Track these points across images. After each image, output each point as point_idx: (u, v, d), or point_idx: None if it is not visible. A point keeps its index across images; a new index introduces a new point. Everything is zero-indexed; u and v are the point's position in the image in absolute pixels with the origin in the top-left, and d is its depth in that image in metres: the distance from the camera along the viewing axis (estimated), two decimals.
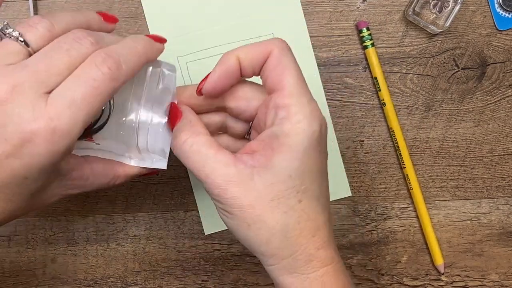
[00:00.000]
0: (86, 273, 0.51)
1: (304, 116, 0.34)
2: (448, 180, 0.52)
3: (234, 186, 0.34)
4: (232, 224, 0.35)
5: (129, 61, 0.32)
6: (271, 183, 0.34)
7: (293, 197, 0.35)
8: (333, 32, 0.51)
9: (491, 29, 0.51)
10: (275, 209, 0.34)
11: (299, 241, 0.35)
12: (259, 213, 0.34)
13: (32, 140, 0.29)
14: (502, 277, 0.52)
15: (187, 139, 0.35)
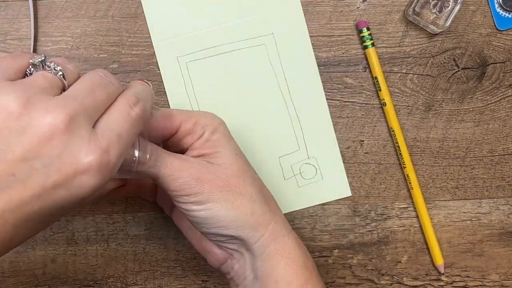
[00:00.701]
0: (86, 273, 0.51)
1: (210, 117, 0.41)
2: (448, 180, 0.52)
3: (206, 172, 0.38)
4: (216, 212, 0.38)
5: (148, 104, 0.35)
6: (229, 165, 0.39)
7: (248, 169, 0.41)
8: (333, 32, 0.51)
9: (491, 29, 0.51)
10: (244, 182, 0.39)
11: (270, 204, 0.41)
12: (235, 189, 0.39)
13: (87, 172, 0.30)
14: (503, 277, 0.52)
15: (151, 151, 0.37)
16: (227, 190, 0.38)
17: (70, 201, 0.30)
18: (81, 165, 0.29)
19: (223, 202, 0.38)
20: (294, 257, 0.40)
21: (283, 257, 0.39)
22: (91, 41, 0.50)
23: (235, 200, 0.38)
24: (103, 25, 0.50)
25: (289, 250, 0.40)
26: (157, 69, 0.50)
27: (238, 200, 0.39)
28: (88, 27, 0.50)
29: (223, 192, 0.38)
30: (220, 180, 0.38)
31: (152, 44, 0.50)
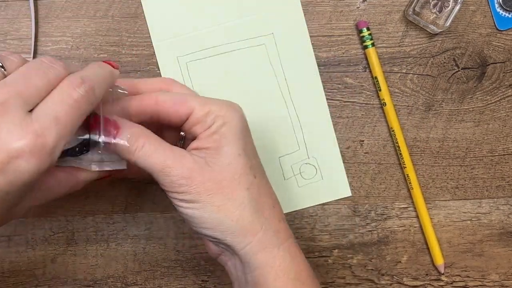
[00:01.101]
0: (86, 273, 0.51)
1: (226, 108, 0.39)
2: (448, 180, 0.52)
3: (198, 172, 0.37)
4: (201, 213, 0.37)
5: (99, 86, 0.35)
6: (227, 164, 0.38)
7: (249, 173, 0.39)
8: (333, 32, 0.51)
9: (491, 29, 0.51)
10: (239, 186, 0.38)
11: (264, 213, 0.39)
12: (226, 192, 0.37)
13: (20, 156, 0.30)
14: (502, 277, 0.52)
15: (144, 142, 0.37)
16: (216, 193, 0.37)
17: (12, 186, 0.30)
18: (12, 149, 0.30)
19: (209, 205, 0.37)
20: (284, 269, 0.38)
21: (273, 268, 0.38)
22: (91, 41, 0.50)
23: (222, 204, 0.37)
24: (103, 25, 0.50)
25: (279, 262, 0.38)
26: (157, 69, 0.50)
27: (226, 204, 0.37)
28: (88, 27, 0.50)
29: (211, 195, 0.37)
30: (211, 182, 0.37)
31: (152, 44, 0.50)
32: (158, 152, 0.37)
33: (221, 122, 0.38)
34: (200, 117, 0.39)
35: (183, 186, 0.37)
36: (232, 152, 0.38)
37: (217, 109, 0.39)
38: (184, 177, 0.37)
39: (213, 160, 0.38)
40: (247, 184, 0.38)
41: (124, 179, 0.51)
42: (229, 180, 0.38)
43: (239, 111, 0.40)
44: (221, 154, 0.38)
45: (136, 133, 0.37)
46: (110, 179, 0.43)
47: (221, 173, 0.38)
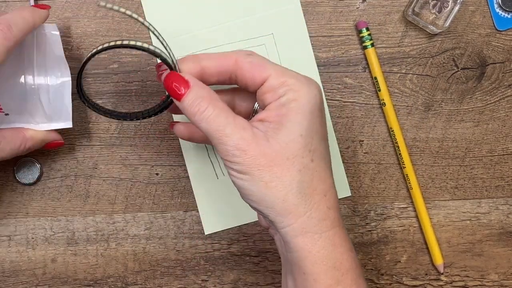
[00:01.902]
0: (86, 273, 0.51)
1: (302, 83, 0.38)
2: (448, 180, 0.52)
3: (254, 146, 0.37)
4: (249, 185, 0.37)
5: (17, 24, 0.41)
6: (286, 143, 0.37)
7: (306, 155, 0.38)
8: (333, 32, 0.51)
9: (490, 29, 0.51)
10: (291, 167, 0.37)
11: (313, 198, 0.38)
12: (276, 170, 0.37)
13: None
14: (502, 277, 0.53)
15: (208, 106, 0.37)
16: (267, 169, 0.37)
17: None
18: None
19: (257, 180, 0.37)
20: (323, 256, 0.38)
21: (311, 253, 0.37)
22: (92, 41, 0.50)
23: (270, 181, 0.37)
24: (103, 25, 0.50)
25: (318, 249, 0.37)
26: None
27: (274, 182, 0.37)
28: (88, 27, 0.50)
29: (261, 170, 0.37)
30: (264, 157, 0.37)
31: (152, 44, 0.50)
32: (220, 118, 0.37)
33: (292, 96, 0.38)
34: (273, 86, 0.38)
35: (236, 156, 0.37)
36: (294, 131, 0.38)
37: (292, 82, 0.38)
38: (239, 149, 0.37)
39: (273, 135, 0.37)
40: (300, 166, 0.38)
41: (122, 179, 0.51)
42: (282, 158, 0.37)
43: (314, 90, 0.39)
44: (282, 131, 0.37)
45: (201, 95, 0.38)
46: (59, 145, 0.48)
47: (276, 150, 0.37)
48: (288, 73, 0.39)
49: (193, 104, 0.38)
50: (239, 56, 0.40)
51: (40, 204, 0.51)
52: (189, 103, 0.38)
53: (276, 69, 0.39)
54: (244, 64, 0.39)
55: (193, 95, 0.38)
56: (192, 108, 0.38)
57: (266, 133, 0.38)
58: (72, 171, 0.51)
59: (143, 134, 0.51)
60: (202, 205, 0.51)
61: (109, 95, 0.50)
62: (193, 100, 0.38)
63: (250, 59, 0.40)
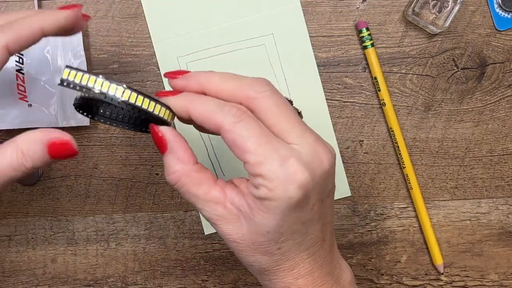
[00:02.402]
0: (86, 273, 0.51)
1: (277, 183, 0.33)
2: (448, 180, 0.52)
3: (225, 223, 0.36)
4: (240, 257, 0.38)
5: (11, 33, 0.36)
6: (252, 232, 0.35)
7: (272, 246, 0.36)
8: (333, 32, 0.51)
9: (490, 29, 0.51)
10: (255, 252, 0.36)
11: (278, 274, 0.37)
12: (242, 250, 0.36)
13: None
14: (502, 277, 0.53)
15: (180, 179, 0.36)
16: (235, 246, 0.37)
17: None
18: None
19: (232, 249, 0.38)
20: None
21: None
22: (92, 41, 0.50)
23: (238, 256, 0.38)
24: (103, 25, 0.50)
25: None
26: (157, 69, 0.50)
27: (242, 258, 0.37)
28: (89, 27, 0.50)
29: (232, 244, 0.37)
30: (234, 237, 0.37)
31: (152, 44, 0.50)
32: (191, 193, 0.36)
33: (265, 194, 0.34)
34: (250, 172, 0.34)
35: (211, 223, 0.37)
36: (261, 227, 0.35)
37: (268, 178, 0.33)
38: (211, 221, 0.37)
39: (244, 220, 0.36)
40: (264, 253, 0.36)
41: (122, 179, 0.51)
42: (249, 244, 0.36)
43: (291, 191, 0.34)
44: (251, 222, 0.35)
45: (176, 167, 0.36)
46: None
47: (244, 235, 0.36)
48: (269, 164, 0.33)
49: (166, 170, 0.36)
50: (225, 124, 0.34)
51: (40, 204, 0.51)
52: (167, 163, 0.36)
53: (257, 156, 0.34)
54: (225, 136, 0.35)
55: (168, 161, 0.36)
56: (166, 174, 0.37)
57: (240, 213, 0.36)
58: (72, 171, 0.51)
59: (143, 134, 0.51)
60: None
61: None
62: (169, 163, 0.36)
63: (233, 135, 0.34)
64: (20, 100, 0.48)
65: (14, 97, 0.48)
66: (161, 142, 0.36)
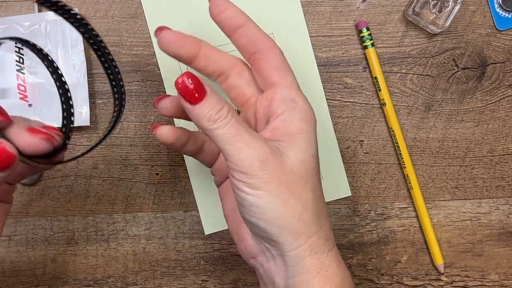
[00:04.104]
0: (86, 273, 0.51)
1: (308, 106, 0.38)
2: (448, 180, 0.52)
3: (272, 159, 0.35)
4: (265, 203, 0.35)
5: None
6: (300, 161, 0.36)
7: (315, 175, 0.37)
8: (333, 32, 0.51)
9: (491, 29, 0.51)
10: (306, 186, 0.36)
11: (321, 218, 0.37)
12: (294, 187, 0.35)
13: None
14: (502, 277, 0.53)
15: (229, 112, 0.35)
16: (286, 186, 0.35)
17: None
18: None
19: (276, 196, 0.35)
20: (330, 275, 0.37)
21: (319, 274, 0.36)
22: None
23: (288, 199, 0.35)
24: (103, 25, 0.50)
25: (326, 268, 0.37)
26: (157, 69, 0.50)
27: (292, 200, 0.35)
28: None
29: (280, 186, 0.35)
30: (283, 173, 0.35)
31: (152, 44, 0.50)
32: (239, 125, 0.35)
33: (299, 114, 0.37)
34: (285, 97, 0.38)
35: (255, 168, 0.34)
36: (308, 151, 0.37)
37: (301, 100, 0.38)
38: (258, 159, 0.35)
39: (288, 153, 0.36)
40: (312, 185, 0.37)
41: (122, 179, 0.51)
42: (300, 177, 0.36)
43: (314, 115, 0.39)
44: (295, 149, 0.36)
45: (221, 101, 0.35)
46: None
47: (294, 167, 0.36)
48: (299, 91, 0.39)
49: (213, 109, 0.35)
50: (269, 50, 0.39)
51: (40, 204, 0.51)
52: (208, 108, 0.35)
53: (291, 81, 0.39)
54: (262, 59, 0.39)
55: (213, 100, 0.35)
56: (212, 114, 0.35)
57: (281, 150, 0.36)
58: (72, 171, 0.51)
59: (143, 134, 0.51)
60: (202, 205, 0.51)
61: (109, 95, 0.50)
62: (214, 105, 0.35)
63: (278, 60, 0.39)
64: (20, 100, 0.48)
65: (14, 97, 0.48)
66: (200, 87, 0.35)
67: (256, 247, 0.39)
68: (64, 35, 0.48)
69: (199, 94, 0.35)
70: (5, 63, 0.48)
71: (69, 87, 0.48)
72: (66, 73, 0.48)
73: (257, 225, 0.36)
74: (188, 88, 0.35)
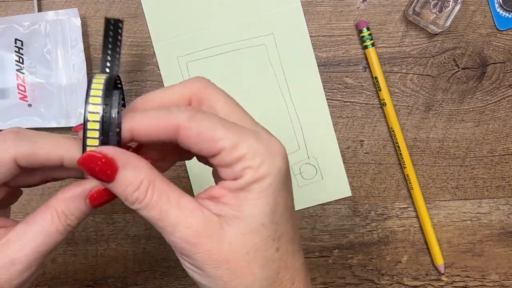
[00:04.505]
0: (86, 273, 0.51)
1: (263, 156, 0.30)
2: (448, 180, 0.52)
3: (205, 238, 0.30)
4: (206, 282, 0.31)
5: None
6: (243, 234, 0.30)
7: (270, 247, 0.31)
8: (333, 32, 0.51)
9: (491, 29, 0.51)
10: (252, 263, 0.31)
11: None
12: (235, 267, 0.31)
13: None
14: (502, 277, 0.52)
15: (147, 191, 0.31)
16: (225, 268, 0.31)
17: None
18: None
19: (216, 279, 0.31)
20: None
21: None
22: (91, 41, 0.50)
23: (229, 281, 0.31)
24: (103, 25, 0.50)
25: None
26: (157, 69, 0.50)
27: (234, 281, 0.31)
28: (88, 27, 0.50)
29: (217, 268, 0.30)
30: (220, 253, 0.30)
31: (152, 44, 0.50)
32: (162, 203, 0.30)
33: (252, 177, 0.30)
34: (228, 162, 0.30)
35: (186, 250, 0.31)
36: (255, 220, 0.31)
37: (251, 156, 0.30)
38: (189, 242, 0.30)
39: (230, 222, 0.31)
40: (263, 261, 0.31)
41: None
42: (242, 254, 0.31)
43: (278, 160, 0.31)
44: (240, 219, 0.30)
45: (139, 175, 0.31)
46: None
47: (233, 244, 0.30)
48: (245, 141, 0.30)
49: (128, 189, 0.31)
50: (181, 121, 0.30)
51: (40, 204, 0.51)
52: (122, 188, 0.31)
53: (231, 139, 0.30)
54: (188, 134, 0.30)
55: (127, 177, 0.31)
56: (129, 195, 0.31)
57: (221, 218, 0.31)
58: None
59: None
60: None
61: None
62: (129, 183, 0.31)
63: (196, 128, 0.30)
64: (20, 100, 0.48)
65: (14, 97, 0.48)
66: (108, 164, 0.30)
67: None
68: (64, 35, 0.48)
69: (111, 171, 0.31)
70: (5, 63, 0.48)
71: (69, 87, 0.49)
72: (66, 73, 0.48)
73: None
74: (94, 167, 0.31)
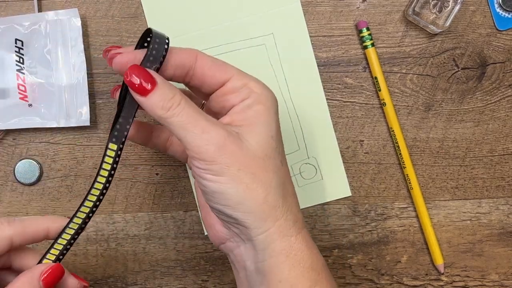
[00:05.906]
0: (86, 273, 0.51)
1: (262, 87, 0.38)
2: (448, 180, 0.52)
3: (230, 143, 0.35)
4: (227, 188, 0.35)
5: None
6: (259, 144, 0.36)
7: (277, 157, 0.37)
8: (333, 32, 0.51)
9: (491, 29, 0.51)
10: (268, 168, 0.36)
11: (287, 200, 0.37)
12: (255, 171, 0.35)
13: None
14: (502, 277, 0.52)
15: (181, 100, 0.35)
16: (247, 170, 0.35)
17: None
18: None
19: (238, 181, 0.35)
20: (300, 259, 0.36)
21: (288, 257, 0.36)
22: (91, 41, 0.50)
23: (250, 182, 0.35)
24: (103, 25, 0.50)
25: (295, 252, 0.36)
26: None
27: (254, 184, 0.35)
28: (88, 27, 0.50)
29: (241, 170, 0.35)
30: (243, 157, 0.35)
31: None
32: (192, 111, 0.35)
33: (256, 98, 0.37)
34: (236, 87, 0.37)
35: (213, 154, 0.34)
36: (266, 133, 0.36)
37: (253, 84, 0.37)
38: (216, 145, 0.34)
39: (246, 137, 0.36)
40: (274, 167, 0.36)
41: (122, 179, 0.51)
42: (260, 159, 0.36)
43: (272, 94, 0.38)
44: (253, 132, 0.36)
45: (173, 89, 0.35)
46: None
47: (253, 150, 0.35)
48: (248, 76, 0.38)
49: (165, 97, 0.35)
50: (200, 52, 0.38)
51: (40, 204, 0.51)
52: (160, 97, 0.35)
53: (238, 71, 0.38)
54: (205, 61, 0.37)
55: (165, 88, 0.35)
56: (165, 102, 0.35)
57: (239, 134, 0.36)
58: (72, 171, 0.51)
59: None
60: None
61: (109, 95, 0.50)
62: (166, 93, 0.35)
63: (212, 58, 0.38)
64: (20, 100, 0.48)
65: (14, 97, 0.48)
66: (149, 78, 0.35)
67: (225, 232, 0.39)
68: (64, 35, 0.48)
69: (150, 85, 0.35)
70: (5, 63, 0.48)
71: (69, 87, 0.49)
72: (66, 73, 0.48)
73: (223, 211, 0.36)
74: (137, 80, 0.34)
